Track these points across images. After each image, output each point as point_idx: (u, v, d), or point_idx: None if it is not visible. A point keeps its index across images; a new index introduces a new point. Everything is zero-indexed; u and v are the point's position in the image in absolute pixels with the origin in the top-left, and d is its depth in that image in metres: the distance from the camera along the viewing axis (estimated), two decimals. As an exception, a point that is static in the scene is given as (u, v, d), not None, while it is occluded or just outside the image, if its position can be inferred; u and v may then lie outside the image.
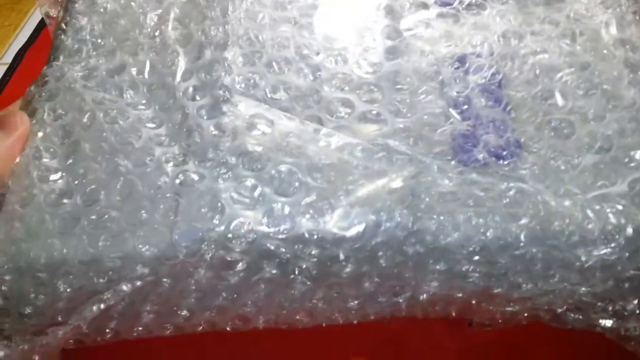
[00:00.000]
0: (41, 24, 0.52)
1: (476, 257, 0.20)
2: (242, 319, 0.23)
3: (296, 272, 0.21)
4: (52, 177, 0.22)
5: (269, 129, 0.22)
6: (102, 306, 0.20)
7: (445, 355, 0.28)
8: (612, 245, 0.20)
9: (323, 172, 0.21)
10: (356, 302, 0.22)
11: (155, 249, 0.20)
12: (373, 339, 0.29)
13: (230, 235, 0.20)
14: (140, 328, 0.23)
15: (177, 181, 0.21)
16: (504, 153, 0.22)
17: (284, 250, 0.20)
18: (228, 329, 0.24)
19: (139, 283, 0.20)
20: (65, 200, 0.21)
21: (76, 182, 0.22)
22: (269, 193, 0.21)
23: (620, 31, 0.25)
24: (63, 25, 0.27)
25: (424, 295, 0.22)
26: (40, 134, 0.23)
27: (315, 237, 0.20)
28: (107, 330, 0.23)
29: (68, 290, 0.20)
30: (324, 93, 0.23)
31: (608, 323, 0.22)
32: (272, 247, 0.20)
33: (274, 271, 0.21)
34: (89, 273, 0.20)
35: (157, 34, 0.26)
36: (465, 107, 0.23)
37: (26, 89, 0.25)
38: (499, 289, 0.21)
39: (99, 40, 0.26)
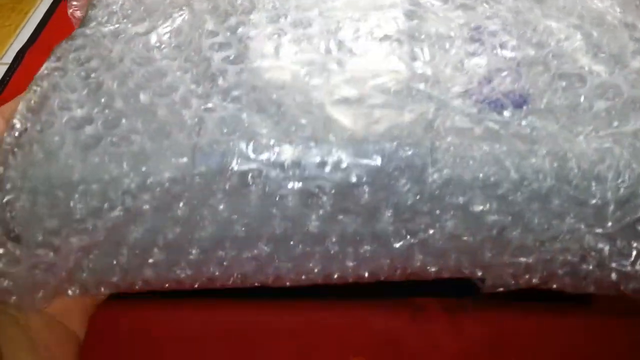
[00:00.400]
0: (41, 24, 0.52)
1: (492, 191, 0.20)
2: (255, 262, 0.23)
3: (314, 194, 0.21)
4: (74, 105, 0.22)
5: (294, 66, 0.23)
6: (119, 214, 0.20)
7: (445, 356, 0.28)
8: (626, 182, 0.20)
9: (344, 101, 0.22)
10: (369, 247, 0.22)
11: (176, 170, 0.20)
12: (372, 339, 0.29)
13: (251, 148, 0.20)
14: (150, 270, 0.22)
15: (201, 108, 0.22)
16: (519, 99, 0.22)
17: (304, 169, 0.20)
18: (238, 278, 0.23)
19: (157, 189, 0.20)
20: (86, 127, 0.21)
21: (97, 111, 0.22)
22: (290, 116, 0.21)
23: (624, 14, 0.26)
24: (94, 2, 0.28)
25: (439, 238, 0.22)
26: (59, 73, 0.23)
27: (335, 159, 0.20)
28: (116, 270, 0.22)
29: (84, 211, 0.20)
30: (346, 43, 0.24)
31: (624, 269, 0.21)
32: (292, 164, 0.20)
33: (294, 192, 0.21)
34: (107, 192, 0.20)
35: (184, 7, 0.27)
36: (481, 59, 0.24)
37: (26, 89, 0.25)
38: (514, 231, 0.21)
39: (129, 11, 0.27)
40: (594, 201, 0.20)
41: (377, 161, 0.20)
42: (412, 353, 0.28)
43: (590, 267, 0.22)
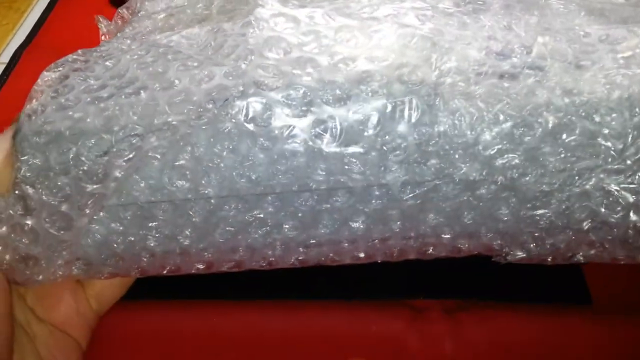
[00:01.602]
0: (38, 24, 0.52)
1: (501, 127, 0.20)
2: (261, 227, 0.22)
3: (320, 134, 0.21)
4: (92, 80, 0.23)
5: (299, 14, 0.23)
6: (127, 157, 0.20)
7: (445, 358, 0.28)
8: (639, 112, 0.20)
9: (348, 42, 0.22)
10: (379, 202, 0.22)
11: (184, 114, 0.20)
12: (371, 340, 0.29)
13: (258, 88, 0.21)
14: (153, 240, 0.22)
15: (212, 65, 0.22)
16: (524, 49, 0.22)
17: (311, 105, 0.21)
18: (245, 253, 0.23)
19: (165, 128, 0.20)
20: (101, 91, 0.22)
21: (113, 81, 0.22)
22: (296, 56, 0.21)
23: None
24: (124, 27, 0.29)
25: (450, 188, 0.21)
26: (81, 62, 0.24)
27: (340, 95, 0.20)
28: (120, 240, 0.22)
29: (93, 160, 0.20)
30: (352, 14, 0.24)
31: None
32: (298, 102, 0.21)
33: (300, 131, 0.21)
34: (117, 139, 0.20)
35: (204, 21, 0.27)
36: (485, 21, 0.23)
37: (23, 89, 0.25)
38: (528, 175, 0.21)
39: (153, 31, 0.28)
40: (607, 132, 0.20)
41: (382, 98, 0.20)
42: (411, 355, 0.28)
43: (615, 216, 0.21)
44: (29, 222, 0.21)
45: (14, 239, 0.21)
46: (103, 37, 0.31)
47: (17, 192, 0.21)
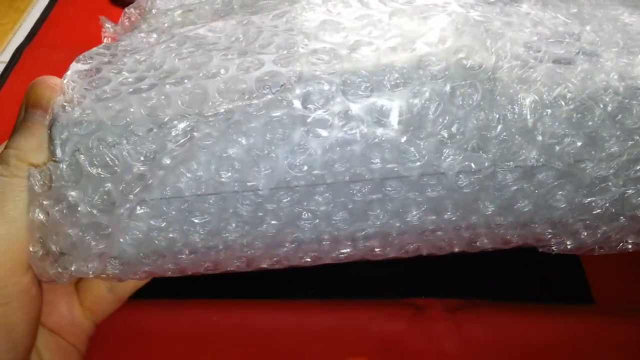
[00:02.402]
0: (39, 23, 0.52)
1: (561, 111, 0.20)
2: (311, 220, 0.22)
3: (379, 120, 0.20)
4: (127, 73, 0.22)
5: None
6: (175, 150, 0.20)
7: (446, 357, 0.28)
8: None
9: (404, 22, 0.22)
10: (434, 191, 0.21)
11: (236, 100, 0.20)
12: (372, 339, 0.29)
13: (313, 72, 0.20)
14: (196, 235, 0.21)
15: (257, 54, 0.21)
16: (573, 36, 0.22)
17: (372, 90, 0.20)
18: (291, 247, 0.22)
19: (218, 117, 0.20)
20: (139, 83, 0.21)
21: (149, 73, 0.22)
22: (352, 39, 0.21)
23: None
24: (138, 22, 0.29)
25: (508, 176, 0.21)
26: (109, 56, 0.23)
27: (399, 79, 0.20)
28: (161, 236, 0.21)
29: (139, 154, 0.20)
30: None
31: None
32: (356, 83, 0.20)
33: (358, 117, 0.20)
34: (163, 131, 0.20)
35: (227, 15, 0.27)
36: (529, 9, 0.23)
37: (24, 88, 0.25)
38: (587, 160, 0.20)
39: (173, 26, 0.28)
40: None
41: (442, 82, 0.20)
42: (413, 354, 0.28)
43: None
44: (73, 193, 0.20)
45: (54, 210, 0.20)
46: (105, 40, 0.31)
47: (67, 163, 0.20)
